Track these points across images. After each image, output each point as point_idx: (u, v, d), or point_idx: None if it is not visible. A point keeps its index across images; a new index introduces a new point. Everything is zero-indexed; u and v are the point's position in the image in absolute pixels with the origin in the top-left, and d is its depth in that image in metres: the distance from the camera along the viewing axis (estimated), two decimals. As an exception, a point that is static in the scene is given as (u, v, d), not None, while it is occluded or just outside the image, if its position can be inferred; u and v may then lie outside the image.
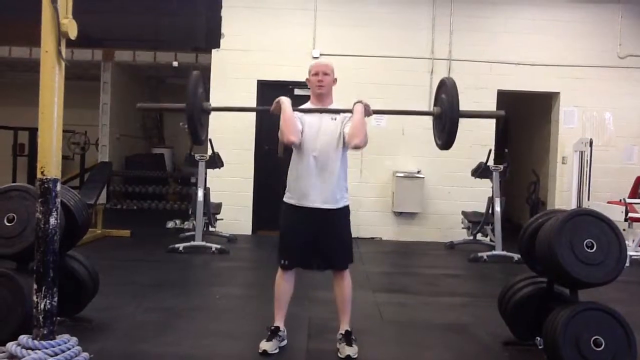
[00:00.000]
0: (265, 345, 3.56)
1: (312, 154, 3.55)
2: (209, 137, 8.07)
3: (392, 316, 4.65)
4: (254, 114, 8.59)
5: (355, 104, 3.57)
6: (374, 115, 8.56)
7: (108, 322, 4.09)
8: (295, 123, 3.51)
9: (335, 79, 3.72)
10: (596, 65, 8.66)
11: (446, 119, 3.53)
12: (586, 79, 8.67)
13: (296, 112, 3.60)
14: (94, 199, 7.34)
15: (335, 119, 3.61)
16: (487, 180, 7.56)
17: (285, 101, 3.54)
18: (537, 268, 3.83)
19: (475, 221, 7.81)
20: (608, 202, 7.63)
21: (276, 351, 3.58)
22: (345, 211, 3.66)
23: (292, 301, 3.77)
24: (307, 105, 3.72)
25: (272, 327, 3.65)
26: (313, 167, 3.55)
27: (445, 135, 3.57)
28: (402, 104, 8.61)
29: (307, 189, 3.57)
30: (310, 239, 3.62)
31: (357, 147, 3.51)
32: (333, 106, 3.70)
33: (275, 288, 3.71)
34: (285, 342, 3.70)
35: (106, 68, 10.74)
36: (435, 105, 3.69)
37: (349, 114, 3.60)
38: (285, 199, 3.66)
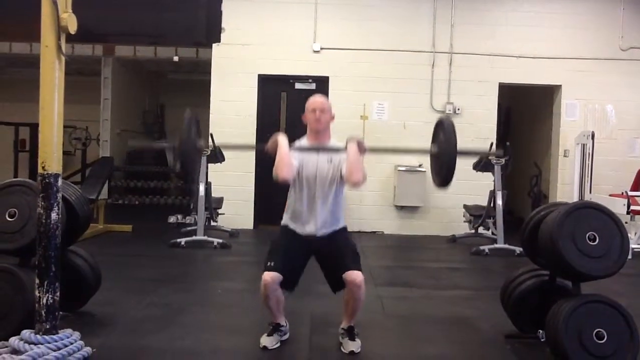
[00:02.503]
0: (265, 340, 3.56)
1: (309, 195, 3.57)
2: (210, 132, 8.08)
3: (394, 310, 4.65)
4: (254, 106, 8.57)
5: (348, 141, 3.49)
6: (375, 109, 8.67)
7: (110, 317, 4.10)
8: (290, 161, 3.46)
9: (333, 116, 3.66)
10: (598, 58, 8.64)
11: (443, 159, 3.51)
12: (588, 72, 8.65)
13: (292, 152, 3.56)
14: (95, 194, 7.34)
15: (331, 161, 3.58)
16: (489, 174, 7.55)
17: (281, 138, 3.49)
18: (539, 261, 3.83)
19: (477, 214, 7.81)
20: (610, 195, 7.62)
21: (277, 346, 3.58)
22: (341, 231, 3.66)
23: (294, 295, 3.74)
24: (304, 141, 3.68)
25: (274, 324, 3.65)
26: (309, 206, 3.57)
27: (444, 174, 3.54)
28: (403, 97, 8.63)
29: (302, 222, 3.60)
30: (304, 255, 3.58)
31: (356, 185, 3.48)
32: (330, 144, 3.66)
33: (263, 300, 3.55)
34: (287, 336, 3.70)
35: (107, 63, 10.72)
36: (433, 142, 3.66)
37: (345, 156, 3.55)
38: (282, 222, 3.68)
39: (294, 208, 3.63)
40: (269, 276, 3.43)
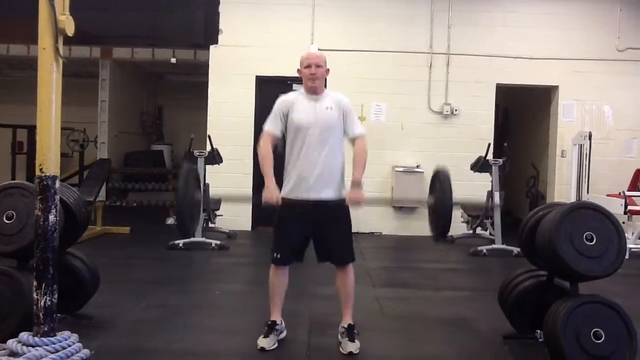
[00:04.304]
0: (262, 342, 3.57)
1: (307, 143, 3.54)
2: (208, 133, 8.08)
3: (392, 311, 4.66)
4: (252, 108, 8.57)
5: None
6: (373, 110, 8.66)
7: (108, 319, 4.10)
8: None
9: (328, 70, 3.70)
10: (595, 59, 8.65)
11: (440, 210, 3.51)
12: (585, 73, 8.66)
13: (289, 97, 3.64)
14: (93, 196, 7.34)
15: (332, 109, 3.60)
16: (487, 174, 7.56)
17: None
18: (537, 261, 3.83)
19: (475, 215, 7.81)
20: (607, 195, 7.62)
21: (275, 346, 3.59)
22: (342, 205, 3.62)
23: (293, 297, 3.77)
24: (301, 90, 3.69)
25: (269, 322, 3.65)
26: (305, 154, 3.54)
27: (441, 226, 3.55)
28: (400, 98, 8.63)
29: (302, 180, 3.55)
30: (306, 236, 3.63)
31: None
32: (325, 98, 3.67)
33: (270, 283, 3.70)
34: (284, 334, 3.71)
35: (104, 65, 10.71)
36: (430, 194, 3.67)
37: (344, 102, 3.65)
38: (282, 194, 3.59)
39: (292, 168, 3.59)
40: (277, 268, 3.61)
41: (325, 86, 3.74)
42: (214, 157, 7.55)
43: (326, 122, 3.57)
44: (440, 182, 3.49)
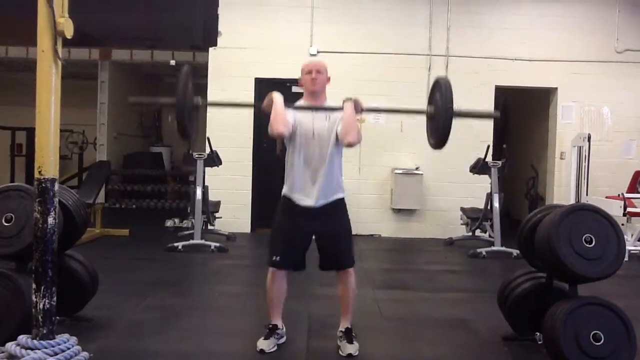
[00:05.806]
0: (262, 343, 3.56)
1: (305, 154, 3.52)
2: (207, 135, 8.08)
3: (391, 312, 4.65)
4: (251, 111, 8.57)
5: (344, 101, 3.50)
6: (372, 112, 8.62)
7: (107, 321, 4.09)
8: (286, 116, 3.46)
9: (329, 78, 3.66)
10: (594, 60, 8.65)
11: (440, 119, 3.48)
12: (584, 74, 8.66)
13: (288, 110, 3.56)
14: (92, 198, 7.33)
15: (329, 119, 3.55)
16: (486, 176, 7.56)
17: (277, 95, 3.51)
18: (536, 263, 3.84)
19: (474, 217, 7.81)
20: (607, 197, 7.63)
21: (274, 349, 3.58)
22: (339, 204, 3.61)
23: (292, 297, 3.77)
24: (300, 102, 3.68)
25: (270, 325, 3.65)
26: (305, 167, 3.53)
27: (439, 135, 3.51)
28: (399, 100, 8.60)
29: (300, 187, 3.55)
30: (306, 239, 3.60)
31: (350, 145, 3.45)
32: (326, 104, 3.65)
33: (268, 289, 3.65)
34: (284, 339, 3.70)
35: (103, 67, 10.72)
36: (429, 104, 3.64)
37: (341, 114, 3.55)
38: (283, 192, 3.63)
39: (292, 176, 3.58)
40: (275, 272, 3.56)
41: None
42: (213, 160, 7.55)
43: (324, 133, 3.52)
44: (441, 91, 3.46)
